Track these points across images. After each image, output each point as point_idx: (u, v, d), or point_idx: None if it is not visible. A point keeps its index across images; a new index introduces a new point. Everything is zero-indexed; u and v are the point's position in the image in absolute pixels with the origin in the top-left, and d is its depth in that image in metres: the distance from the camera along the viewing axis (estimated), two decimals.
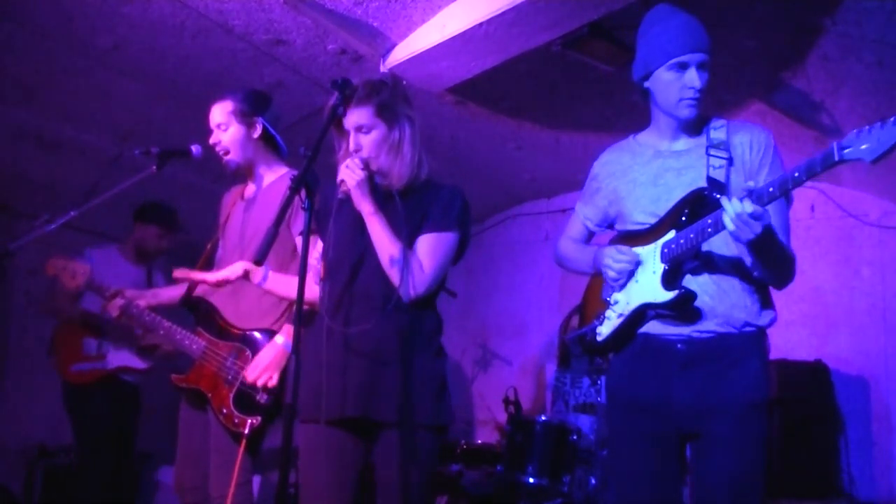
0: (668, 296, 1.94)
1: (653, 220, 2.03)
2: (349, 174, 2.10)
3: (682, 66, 1.98)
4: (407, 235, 2.12)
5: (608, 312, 2.09)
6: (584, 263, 2.24)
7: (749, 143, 2.00)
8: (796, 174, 1.68)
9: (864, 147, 1.58)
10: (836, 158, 1.61)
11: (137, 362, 3.90)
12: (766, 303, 2.02)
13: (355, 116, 2.13)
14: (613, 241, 2.17)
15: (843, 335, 4.31)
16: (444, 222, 2.15)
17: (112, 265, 3.94)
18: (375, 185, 2.17)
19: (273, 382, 2.47)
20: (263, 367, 2.47)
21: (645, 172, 2.09)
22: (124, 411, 3.96)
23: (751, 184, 1.74)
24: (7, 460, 4.67)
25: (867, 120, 1.65)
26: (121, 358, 3.87)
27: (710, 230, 1.85)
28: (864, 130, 1.59)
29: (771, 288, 2.05)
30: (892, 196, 4.31)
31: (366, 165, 2.13)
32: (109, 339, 3.88)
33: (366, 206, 2.11)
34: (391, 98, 2.17)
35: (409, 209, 2.15)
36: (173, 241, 4.16)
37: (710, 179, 1.96)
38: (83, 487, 3.85)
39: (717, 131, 2.04)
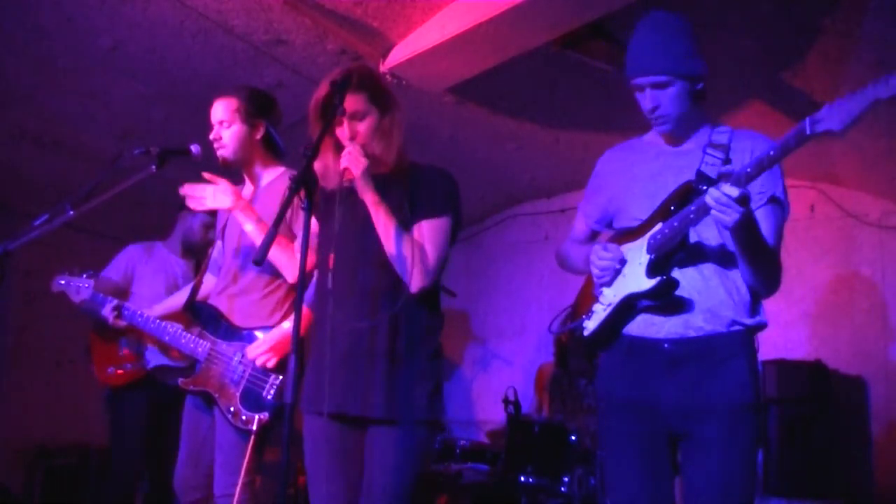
0: (651, 283, 1.95)
1: (646, 215, 2.04)
2: (353, 161, 2.06)
3: (639, 89, 2.03)
4: (403, 221, 2.10)
5: (595, 307, 2.11)
6: (580, 262, 2.26)
7: (751, 149, 2.00)
8: (771, 153, 1.70)
9: (833, 118, 1.61)
10: (808, 132, 1.64)
11: (175, 361, 3.83)
12: (757, 305, 2.01)
13: (350, 103, 2.09)
14: (609, 239, 2.18)
15: (843, 335, 4.31)
16: (438, 207, 2.13)
17: (160, 260, 3.90)
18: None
19: (272, 364, 2.48)
20: (266, 348, 2.48)
21: (645, 170, 2.10)
22: (164, 415, 3.80)
23: (731, 166, 1.76)
24: (7, 460, 4.68)
25: (867, 120, 1.66)
26: (159, 357, 3.79)
27: (692, 216, 1.86)
28: (834, 104, 1.62)
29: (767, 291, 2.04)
30: (892, 196, 4.31)
31: (365, 153, 2.10)
32: (147, 339, 3.85)
33: (370, 196, 2.07)
34: (380, 83, 2.17)
35: (398, 194, 2.13)
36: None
37: (699, 173, 1.96)
38: (108, 490, 3.81)
39: (720, 135, 2.05)
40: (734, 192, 1.71)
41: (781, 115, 3.79)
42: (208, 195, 2.55)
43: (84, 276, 3.19)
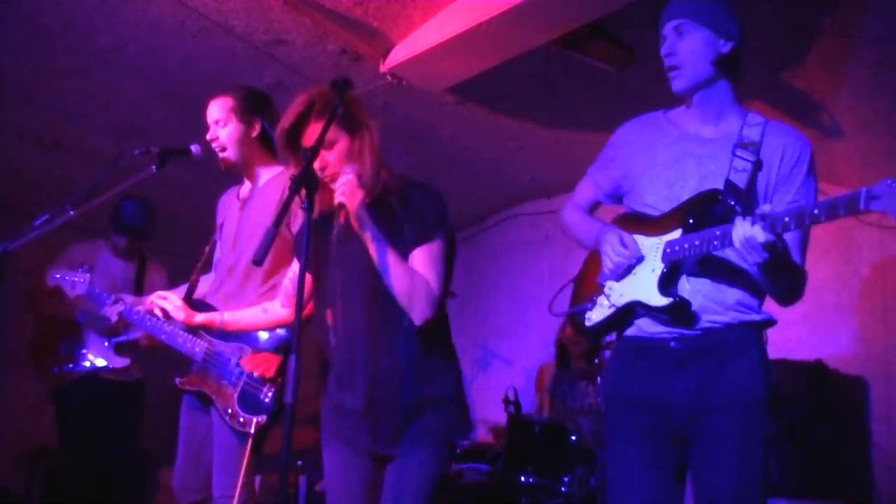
0: (663, 302, 1.89)
1: (663, 206, 1.95)
2: (348, 196, 1.94)
3: (664, 39, 1.95)
4: (394, 247, 2.02)
5: (600, 298, 2.04)
6: (586, 237, 2.15)
7: (782, 150, 1.90)
8: (816, 211, 1.60)
9: (892, 201, 1.50)
10: (862, 208, 1.54)
11: (114, 360, 3.90)
12: (764, 302, 1.97)
13: (315, 133, 1.97)
14: (619, 219, 2.10)
15: (843, 335, 4.31)
16: (431, 230, 2.05)
17: (99, 260, 3.95)
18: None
19: (270, 373, 2.48)
20: (263, 357, 2.47)
21: (666, 152, 2.00)
22: (111, 410, 3.94)
23: (766, 207, 1.66)
24: (7, 460, 4.67)
25: (867, 120, 1.63)
26: (95, 358, 3.89)
27: (716, 242, 1.77)
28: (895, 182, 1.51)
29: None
30: None
31: (361, 181, 1.98)
32: (84, 340, 3.91)
33: (369, 231, 1.96)
34: (348, 106, 2.02)
35: (388, 220, 2.05)
36: (146, 243, 4.17)
37: (728, 183, 1.86)
38: (71, 486, 3.87)
39: (751, 129, 1.93)
40: (761, 237, 1.62)
41: (782, 115, 3.78)
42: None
43: (80, 270, 3.15)
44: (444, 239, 2.08)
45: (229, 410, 2.51)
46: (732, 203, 1.82)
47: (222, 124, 2.67)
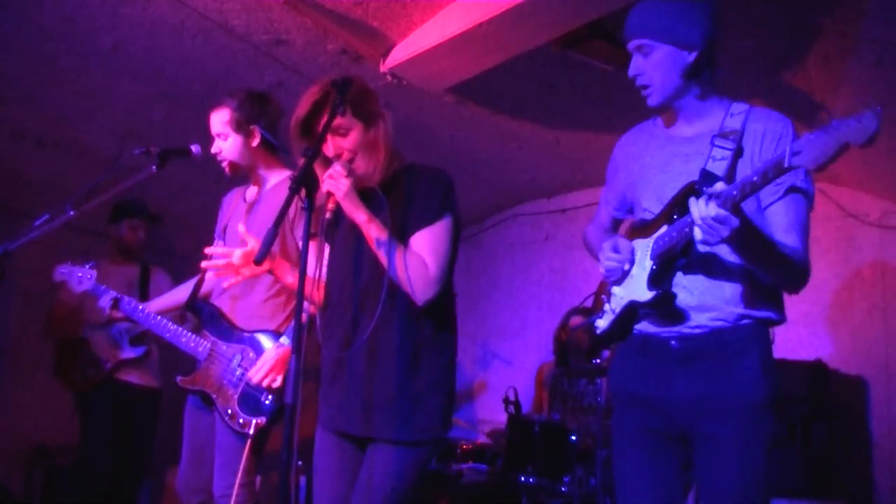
0: (649, 295, 1.91)
1: (656, 208, 1.98)
2: (335, 185, 2.00)
3: (630, 56, 1.98)
4: (399, 232, 2.06)
5: (606, 306, 2.08)
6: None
7: (762, 133, 1.90)
8: (754, 178, 1.62)
9: (808, 154, 1.53)
10: (786, 164, 1.56)
11: (130, 351, 3.94)
12: (771, 301, 1.95)
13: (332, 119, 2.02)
14: (627, 229, 2.13)
15: (843, 335, 4.31)
16: (433, 212, 2.08)
17: (105, 274, 4.01)
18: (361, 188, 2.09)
19: (277, 384, 2.47)
20: (268, 368, 2.47)
21: (655, 157, 2.03)
22: (130, 414, 3.98)
23: (719, 185, 1.66)
24: (7, 460, 4.67)
25: None
26: (110, 356, 3.93)
27: (687, 229, 1.78)
28: (812, 135, 1.53)
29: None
30: (892, 196, 4.31)
31: (349, 171, 2.04)
32: (103, 342, 3.93)
33: (360, 215, 2.02)
34: (362, 95, 2.09)
35: (391, 203, 2.08)
36: (149, 230, 4.19)
37: (703, 172, 1.86)
38: (82, 488, 3.88)
39: (734, 118, 1.94)
40: (713, 211, 1.62)
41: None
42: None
43: (87, 266, 3.16)
44: (447, 222, 2.10)
45: (229, 411, 2.52)
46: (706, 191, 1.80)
47: (223, 138, 2.70)
